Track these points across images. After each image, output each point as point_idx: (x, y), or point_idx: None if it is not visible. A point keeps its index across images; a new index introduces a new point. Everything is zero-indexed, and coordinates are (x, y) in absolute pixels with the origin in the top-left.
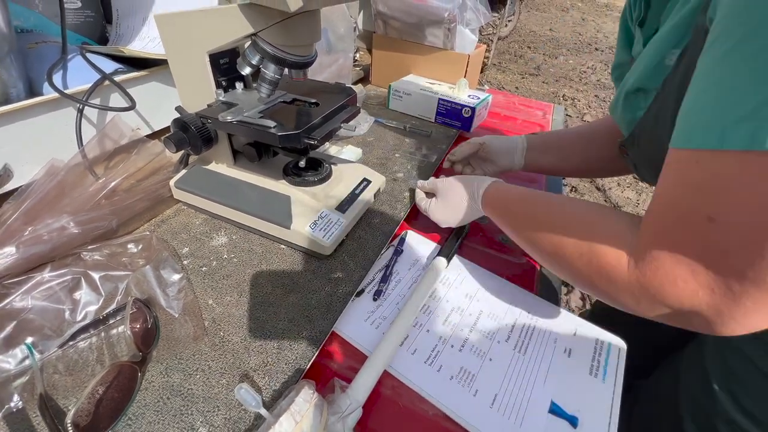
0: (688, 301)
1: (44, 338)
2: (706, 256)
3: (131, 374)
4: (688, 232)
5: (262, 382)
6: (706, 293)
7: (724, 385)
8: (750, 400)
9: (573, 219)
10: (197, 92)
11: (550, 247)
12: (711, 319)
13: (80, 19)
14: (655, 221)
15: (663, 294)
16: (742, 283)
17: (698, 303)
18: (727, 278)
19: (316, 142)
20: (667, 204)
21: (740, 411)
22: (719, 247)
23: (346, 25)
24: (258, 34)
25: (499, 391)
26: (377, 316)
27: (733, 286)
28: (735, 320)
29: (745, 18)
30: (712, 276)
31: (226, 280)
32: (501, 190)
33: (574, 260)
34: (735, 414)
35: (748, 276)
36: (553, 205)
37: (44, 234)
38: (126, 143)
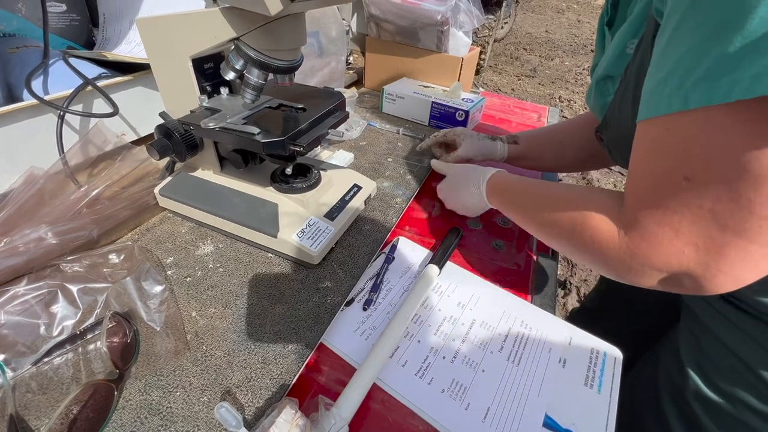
0: (675, 261)
1: (17, 355)
2: (687, 214)
3: (107, 393)
4: (667, 194)
5: (244, 399)
6: (692, 250)
7: (696, 364)
8: (719, 376)
9: (569, 197)
10: (181, 97)
11: (549, 223)
12: (699, 274)
13: (65, 22)
14: (636, 190)
15: (651, 257)
16: (723, 233)
17: (685, 261)
18: (709, 231)
19: (302, 149)
20: (644, 172)
21: (711, 387)
22: (698, 203)
23: (338, 28)
24: (241, 39)
25: (492, 405)
26: (367, 327)
27: (716, 238)
28: (722, 272)
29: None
30: (695, 232)
31: (211, 291)
32: (504, 177)
33: (572, 234)
34: (707, 390)
35: (728, 226)
36: (551, 187)
37: (20, 245)
38: (110, 150)
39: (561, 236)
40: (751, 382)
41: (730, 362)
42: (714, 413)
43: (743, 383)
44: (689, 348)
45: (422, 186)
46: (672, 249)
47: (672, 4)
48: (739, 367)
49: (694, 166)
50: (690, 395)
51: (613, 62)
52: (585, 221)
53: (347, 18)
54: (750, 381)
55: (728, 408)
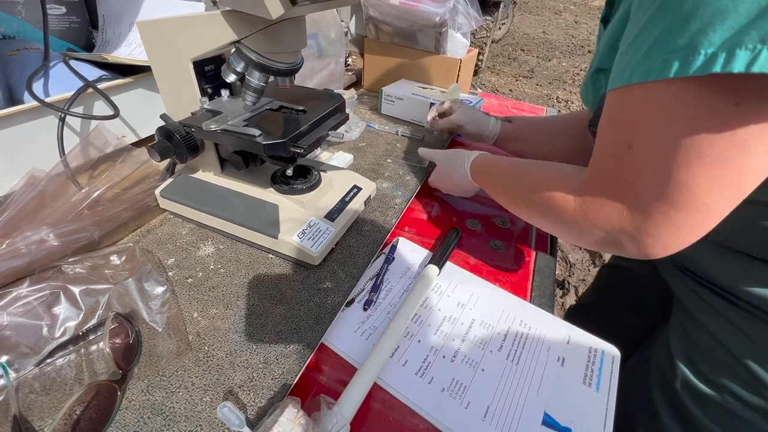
0: (616, 221)
1: (20, 356)
2: (624, 179)
3: (110, 393)
4: (613, 160)
5: (247, 398)
6: (626, 211)
7: (685, 355)
8: (708, 367)
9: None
10: (182, 100)
11: (523, 194)
12: (633, 235)
13: (65, 25)
14: (593, 159)
15: (596, 218)
16: (650, 201)
17: (622, 222)
18: (639, 195)
19: (302, 151)
20: (599, 141)
21: (700, 378)
22: (633, 169)
23: (337, 30)
24: (242, 42)
25: (491, 403)
26: (367, 327)
27: (645, 203)
28: (651, 235)
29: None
30: (630, 195)
31: (212, 292)
32: (486, 158)
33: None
34: (695, 381)
35: (656, 192)
36: (529, 164)
37: (22, 247)
38: (111, 151)
39: (533, 207)
40: (738, 372)
41: (719, 353)
42: (703, 403)
43: (731, 374)
44: (679, 340)
45: (421, 187)
46: (612, 210)
47: None
48: (727, 358)
49: (635, 134)
50: (679, 386)
51: (606, 55)
52: (549, 187)
53: (346, 20)
54: (738, 372)
55: (716, 398)
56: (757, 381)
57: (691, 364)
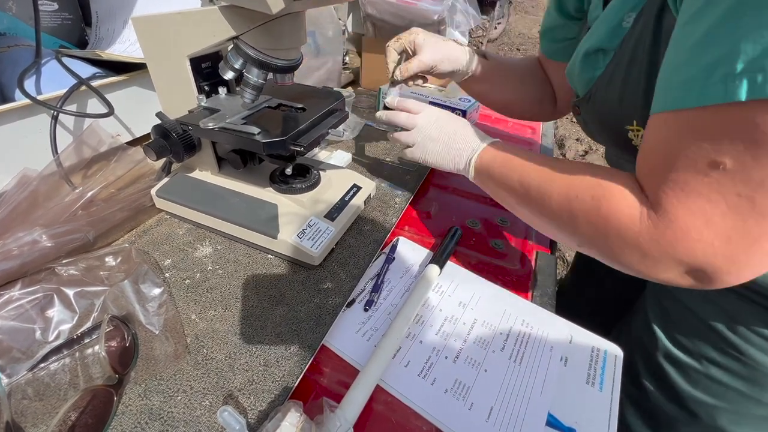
0: (701, 253)
1: (13, 361)
2: (721, 203)
3: (106, 398)
4: (700, 181)
5: (247, 402)
6: (722, 242)
7: (661, 323)
8: (681, 334)
9: (583, 168)
10: (178, 97)
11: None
12: (724, 269)
13: (57, 21)
14: (658, 174)
15: (676, 246)
16: (762, 223)
17: (711, 253)
18: (746, 222)
19: (302, 149)
20: (668, 157)
21: (676, 345)
22: (735, 191)
23: (334, 28)
24: (240, 38)
25: (495, 404)
26: (368, 328)
27: (753, 229)
28: (750, 266)
29: None
30: (730, 223)
31: (210, 293)
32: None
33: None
34: (671, 348)
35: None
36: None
37: (14, 248)
38: (105, 150)
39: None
40: (711, 338)
41: (691, 321)
42: (683, 371)
43: (705, 339)
44: (655, 310)
45: (421, 185)
46: (701, 240)
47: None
48: (699, 324)
49: (734, 152)
50: (659, 353)
51: (609, 35)
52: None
53: (343, 18)
54: (711, 337)
55: (694, 364)
56: (727, 343)
57: (667, 332)
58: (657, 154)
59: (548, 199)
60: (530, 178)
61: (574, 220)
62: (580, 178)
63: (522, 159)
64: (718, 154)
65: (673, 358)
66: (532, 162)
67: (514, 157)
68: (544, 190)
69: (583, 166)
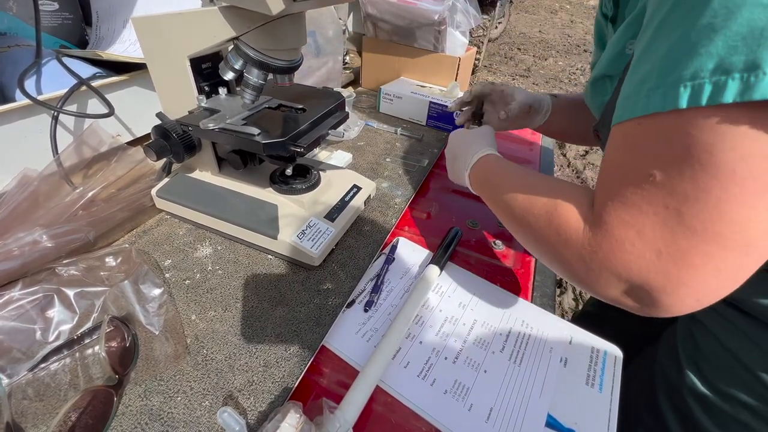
0: (635, 266)
1: (13, 361)
2: (651, 214)
3: (106, 399)
4: (634, 191)
5: (247, 403)
6: (654, 255)
7: (692, 362)
8: (715, 374)
9: (546, 185)
10: (178, 98)
11: (521, 207)
12: (659, 286)
13: (57, 21)
14: (605, 186)
15: (611, 258)
16: (689, 237)
17: (645, 268)
18: (675, 235)
19: (302, 150)
20: (613, 168)
21: (707, 385)
22: (663, 202)
23: (335, 28)
24: (240, 38)
25: (494, 405)
26: (368, 328)
27: (681, 243)
28: (685, 285)
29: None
30: (659, 235)
31: (210, 294)
32: (487, 165)
33: (539, 219)
34: (702, 388)
35: (696, 230)
36: (531, 176)
37: (15, 249)
38: (105, 151)
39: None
40: (748, 382)
41: (728, 362)
42: (710, 410)
43: (740, 383)
44: (686, 346)
45: (421, 186)
46: (633, 252)
47: (656, 4)
48: (736, 367)
49: (663, 163)
50: (686, 392)
51: (612, 62)
52: (555, 209)
53: (344, 18)
54: (747, 381)
55: (724, 406)
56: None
57: (699, 372)
58: (607, 168)
59: (512, 215)
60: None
61: (533, 233)
62: (540, 196)
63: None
64: (649, 166)
65: (700, 395)
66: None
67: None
68: (510, 204)
69: (547, 181)
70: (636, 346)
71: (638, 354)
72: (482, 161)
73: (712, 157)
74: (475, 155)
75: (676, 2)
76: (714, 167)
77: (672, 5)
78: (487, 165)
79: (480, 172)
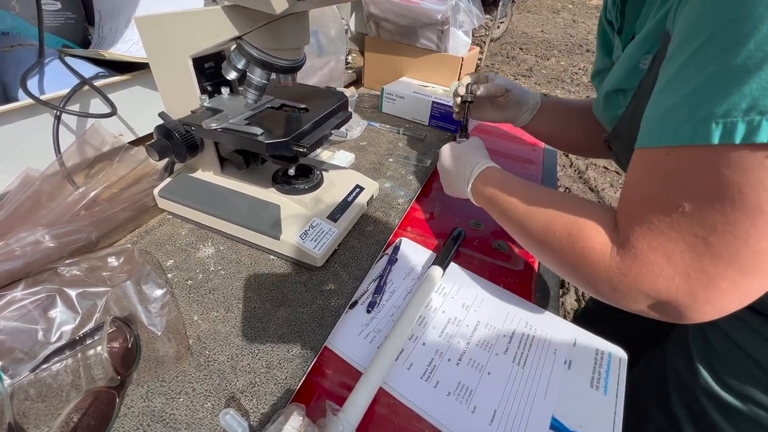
0: (664, 288)
1: (15, 362)
2: (680, 242)
3: (108, 400)
4: (662, 219)
5: (249, 404)
6: (682, 279)
7: (705, 361)
8: (729, 373)
9: (564, 203)
10: (181, 97)
11: (540, 227)
12: (686, 304)
13: (60, 21)
14: (630, 210)
15: (640, 281)
16: (716, 264)
17: (674, 289)
18: (701, 261)
19: (305, 150)
20: (639, 194)
21: (721, 385)
22: (692, 232)
23: (337, 28)
24: (243, 38)
25: (498, 407)
26: (371, 329)
27: (708, 269)
28: (710, 304)
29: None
30: (687, 260)
31: (213, 294)
32: (492, 176)
33: (562, 240)
34: (717, 388)
35: (723, 257)
36: (543, 191)
37: (17, 249)
38: (108, 150)
39: (550, 240)
40: (764, 381)
41: (742, 361)
42: (724, 410)
43: (756, 382)
44: (698, 346)
45: (424, 186)
46: (662, 275)
47: (686, 34)
48: (751, 366)
49: (693, 195)
50: (699, 392)
51: (626, 76)
52: (580, 232)
53: (346, 17)
54: (763, 380)
55: (740, 406)
56: None
57: (713, 371)
58: (631, 191)
59: (528, 234)
60: (514, 212)
61: (554, 254)
62: (559, 215)
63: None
64: (677, 197)
65: (715, 396)
66: (518, 194)
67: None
68: (526, 223)
69: (564, 199)
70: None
71: (642, 351)
72: (484, 174)
73: (742, 195)
74: (475, 168)
75: (709, 38)
76: (744, 204)
77: (705, 40)
78: (491, 178)
79: (484, 186)
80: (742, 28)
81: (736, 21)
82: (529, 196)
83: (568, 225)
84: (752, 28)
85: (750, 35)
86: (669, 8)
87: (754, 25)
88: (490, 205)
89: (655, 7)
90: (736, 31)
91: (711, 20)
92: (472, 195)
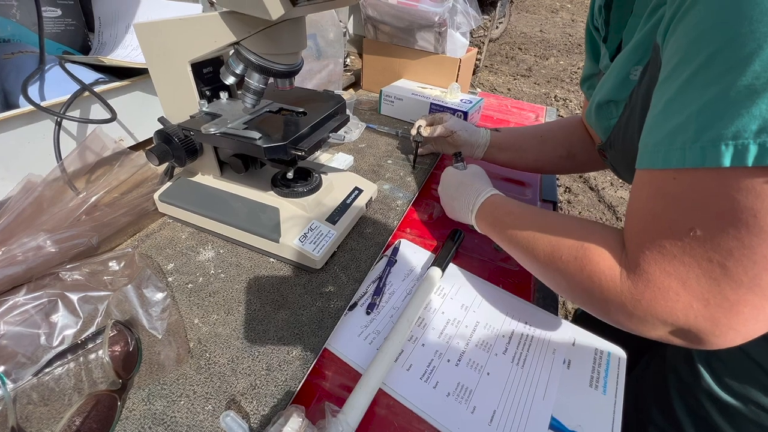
0: (682, 314)
1: (18, 366)
2: (695, 267)
3: (110, 403)
4: (674, 243)
5: (249, 407)
6: (701, 305)
7: (706, 361)
8: (730, 375)
9: (568, 227)
10: (180, 102)
11: (545, 252)
12: (708, 330)
13: (60, 27)
14: (638, 233)
15: (656, 307)
16: (737, 290)
17: (692, 315)
18: (721, 287)
19: (303, 153)
20: (647, 217)
21: (722, 386)
22: (707, 256)
23: (335, 30)
24: (241, 43)
25: (497, 407)
26: (371, 331)
27: (729, 295)
28: (734, 329)
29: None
30: (705, 286)
31: (213, 297)
32: (495, 205)
33: (568, 264)
34: (715, 388)
35: (743, 282)
36: (547, 215)
37: (19, 254)
38: (108, 155)
39: (557, 267)
40: (764, 383)
41: (743, 363)
42: (725, 412)
43: (756, 384)
44: None
45: (422, 188)
46: (679, 301)
47: (684, 53)
48: (751, 368)
49: (705, 219)
50: (700, 393)
51: (616, 88)
52: (585, 255)
53: (344, 20)
54: (764, 382)
55: (740, 407)
56: None
57: (713, 373)
58: (639, 214)
59: (535, 260)
60: (519, 238)
61: (562, 279)
62: (564, 239)
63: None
64: (688, 221)
65: (716, 398)
66: (522, 219)
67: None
68: (532, 249)
69: (568, 222)
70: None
71: (642, 352)
72: (488, 202)
73: (756, 219)
74: (480, 196)
75: (710, 58)
76: (759, 228)
77: (705, 60)
78: (495, 206)
79: (488, 214)
80: (745, 48)
81: (737, 40)
82: (534, 222)
83: (573, 249)
84: (756, 48)
85: (754, 55)
86: (659, 20)
87: (758, 45)
88: (495, 234)
89: (644, 18)
90: (738, 51)
91: (710, 39)
92: (476, 223)
